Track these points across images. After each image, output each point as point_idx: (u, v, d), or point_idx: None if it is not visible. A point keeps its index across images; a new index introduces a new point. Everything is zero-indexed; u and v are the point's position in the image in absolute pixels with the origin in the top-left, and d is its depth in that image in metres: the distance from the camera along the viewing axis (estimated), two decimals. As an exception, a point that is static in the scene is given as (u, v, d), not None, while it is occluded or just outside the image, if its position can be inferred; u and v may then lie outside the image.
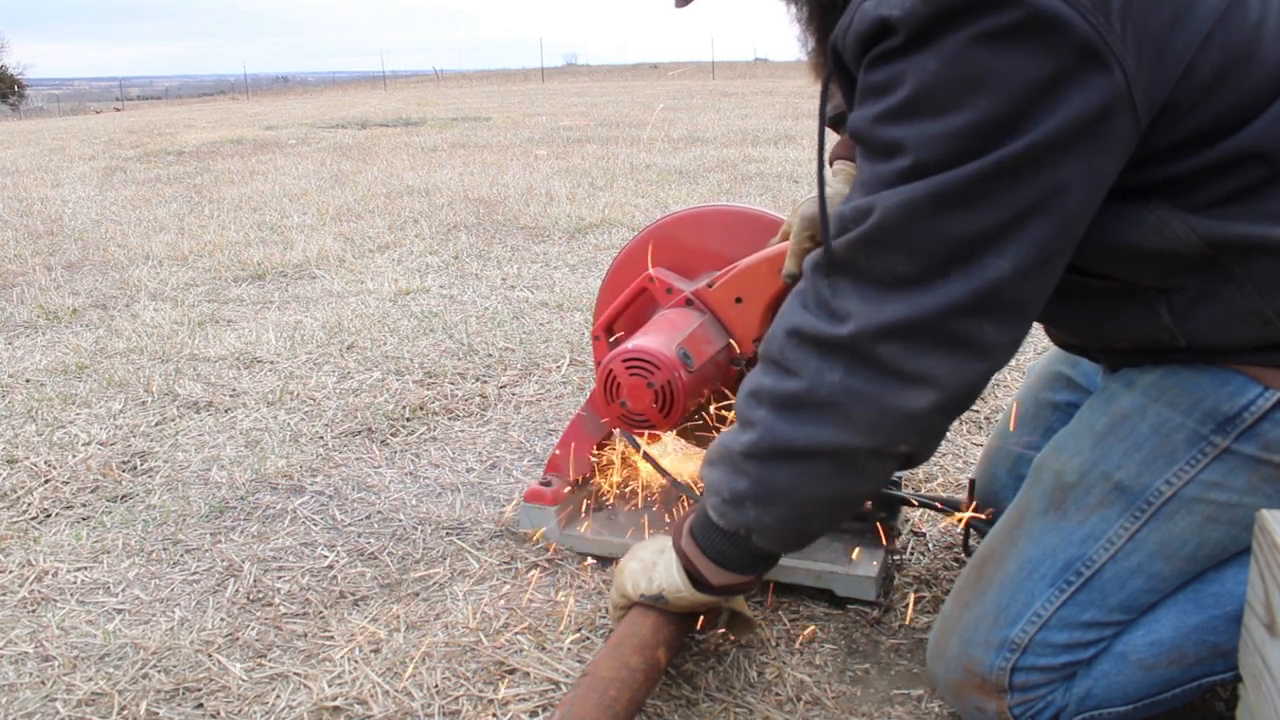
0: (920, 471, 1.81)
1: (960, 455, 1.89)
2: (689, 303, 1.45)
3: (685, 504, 1.59)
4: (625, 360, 1.38)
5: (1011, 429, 1.37)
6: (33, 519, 1.74)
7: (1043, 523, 1.05)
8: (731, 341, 1.44)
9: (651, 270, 1.51)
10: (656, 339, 1.38)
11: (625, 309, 1.52)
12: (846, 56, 0.90)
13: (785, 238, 1.37)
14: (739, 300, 1.42)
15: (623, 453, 1.65)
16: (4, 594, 1.49)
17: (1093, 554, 1.01)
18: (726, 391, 1.48)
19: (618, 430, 1.54)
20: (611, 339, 1.53)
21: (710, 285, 1.44)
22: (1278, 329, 0.93)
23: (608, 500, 1.63)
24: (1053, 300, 0.92)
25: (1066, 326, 1.11)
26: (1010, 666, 1.03)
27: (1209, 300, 0.93)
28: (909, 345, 0.87)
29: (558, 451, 1.59)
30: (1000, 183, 0.82)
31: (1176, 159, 0.88)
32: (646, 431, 1.43)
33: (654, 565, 1.15)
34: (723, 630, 1.26)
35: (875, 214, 0.86)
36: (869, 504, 1.48)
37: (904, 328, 0.86)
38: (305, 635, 1.36)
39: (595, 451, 1.60)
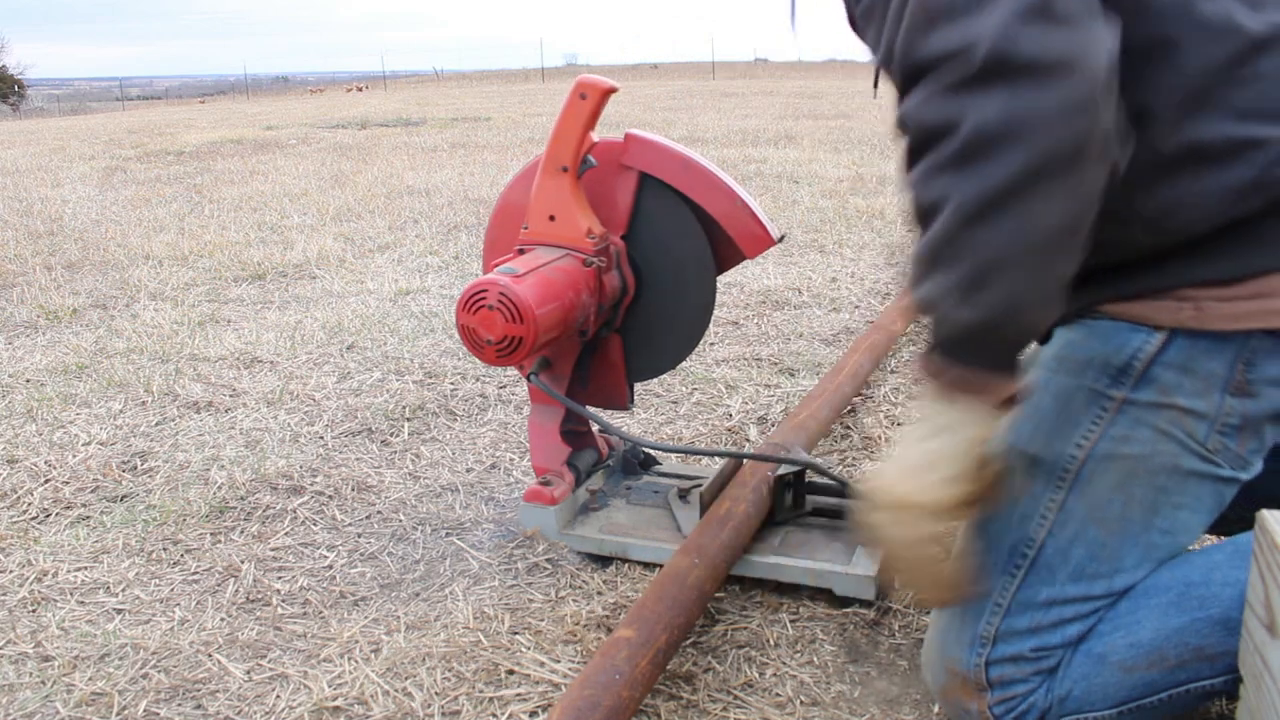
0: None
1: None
2: (521, 252, 1.55)
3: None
4: (463, 305, 1.44)
5: None
6: (33, 519, 1.74)
7: (984, 513, 1.04)
8: (572, 252, 1.51)
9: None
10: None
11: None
12: None
13: None
14: (552, 218, 1.52)
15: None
16: (4, 594, 1.49)
17: (1031, 533, 1.01)
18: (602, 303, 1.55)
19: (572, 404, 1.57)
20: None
21: (525, 228, 1.55)
22: (1147, 229, 0.92)
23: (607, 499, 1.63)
24: None
25: None
26: (984, 661, 1.03)
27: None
28: (1032, 35, 0.79)
29: (532, 455, 1.61)
30: None
31: None
32: (533, 356, 1.49)
33: (937, 441, 0.92)
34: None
35: None
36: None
37: (1014, 24, 0.79)
38: (305, 635, 1.36)
39: (562, 435, 1.61)
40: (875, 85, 1.08)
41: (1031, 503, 1.01)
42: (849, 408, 2.12)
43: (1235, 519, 1.08)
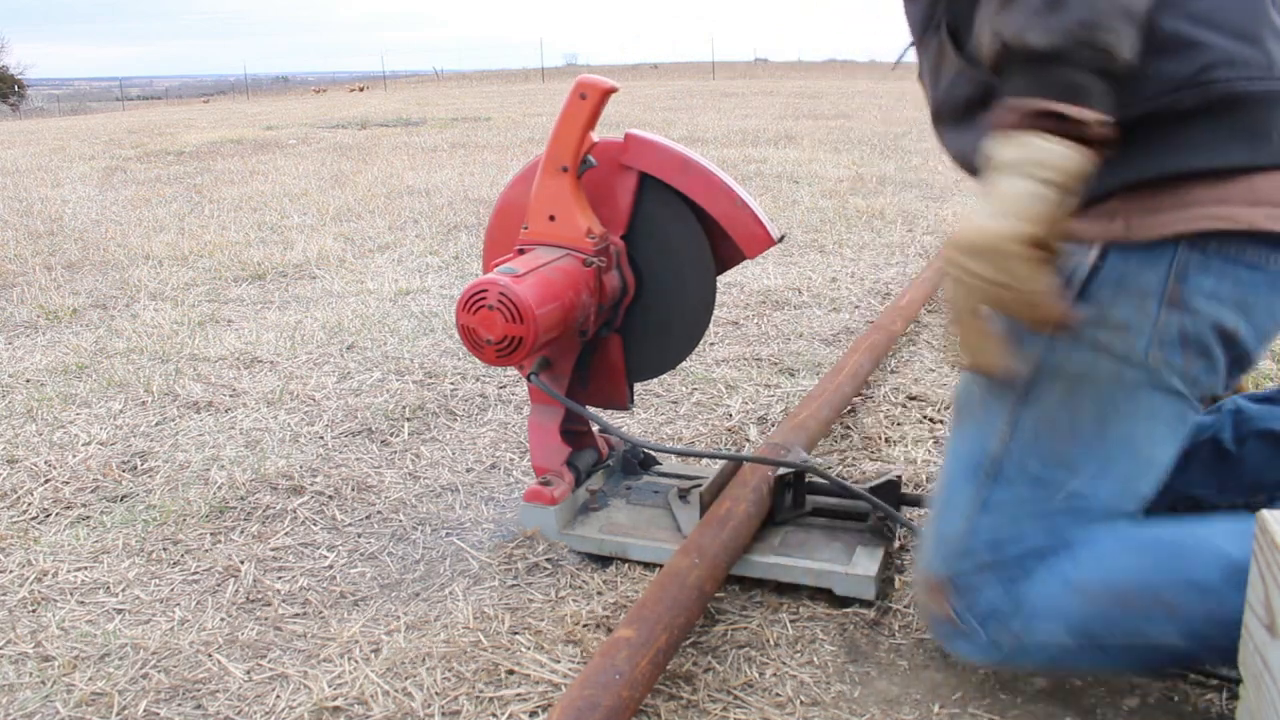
0: (921, 473, 1.81)
1: (960, 455, 1.89)
2: (521, 252, 1.55)
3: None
4: (463, 305, 1.43)
5: None
6: (33, 519, 1.74)
7: (953, 437, 1.12)
8: (572, 252, 1.51)
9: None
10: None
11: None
12: None
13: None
14: (552, 218, 1.52)
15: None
16: (4, 594, 1.49)
17: (990, 447, 1.06)
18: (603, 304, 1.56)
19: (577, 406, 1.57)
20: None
21: (525, 228, 1.55)
22: None
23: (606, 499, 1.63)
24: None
25: (958, 131, 1.14)
26: (949, 565, 1.08)
27: None
28: None
29: (532, 455, 1.61)
30: None
31: None
32: (533, 356, 1.49)
33: (1010, 180, 0.89)
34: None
35: None
36: (869, 505, 1.49)
37: None
38: (305, 635, 1.36)
39: (562, 435, 1.61)
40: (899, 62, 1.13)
41: (989, 419, 1.06)
42: (849, 408, 2.12)
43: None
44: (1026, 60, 0.87)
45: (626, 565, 1.50)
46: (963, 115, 1.12)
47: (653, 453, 1.76)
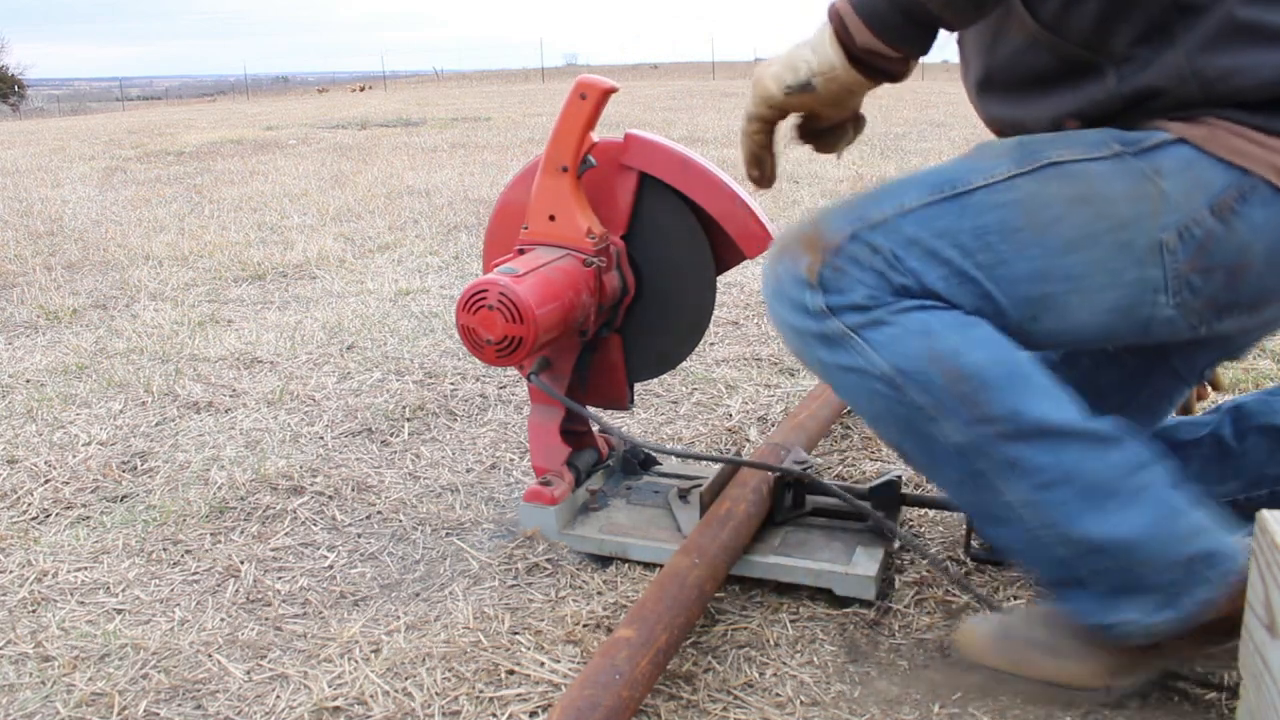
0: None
1: (960, 455, 1.89)
2: (521, 252, 1.55)
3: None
4: (463, 305, 1.43)
5: None
6: (33, 519, 1.74)
7: (945, 161, 1.13)
8: (572, 252, 1.51)
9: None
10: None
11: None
12: None
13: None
14: (552, 218, 1.52)
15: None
16: (4, 594, 1.49)
17: (971, 179, 1.06)
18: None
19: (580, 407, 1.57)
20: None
21: (525, 228, 1.54)
22: (1203, 87, 1.01)
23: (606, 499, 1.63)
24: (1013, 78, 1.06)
25: (1016, 100, 1.15)
26: (852, 231, 1.06)
27: (1150, 64, 1.02)
28: None
29: (532, 455, 1.61)
30: None
31: None
32: (533, 356, 1.48)
33: (797, 56, 1.07)
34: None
35: None
36: (869, 504, 1.49)
37: None
38: (305, 635, 1.36)
39: (562, 435, 1.61)
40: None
41: (990, 163, 1.06)
42: (849, 408, 2.12)
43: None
44: None
45: (626, 565, 1.50)
46: (1027, 86, 1.12)
47: (651, 453, 1.76)
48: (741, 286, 3.21)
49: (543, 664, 1.26)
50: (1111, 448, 1.06)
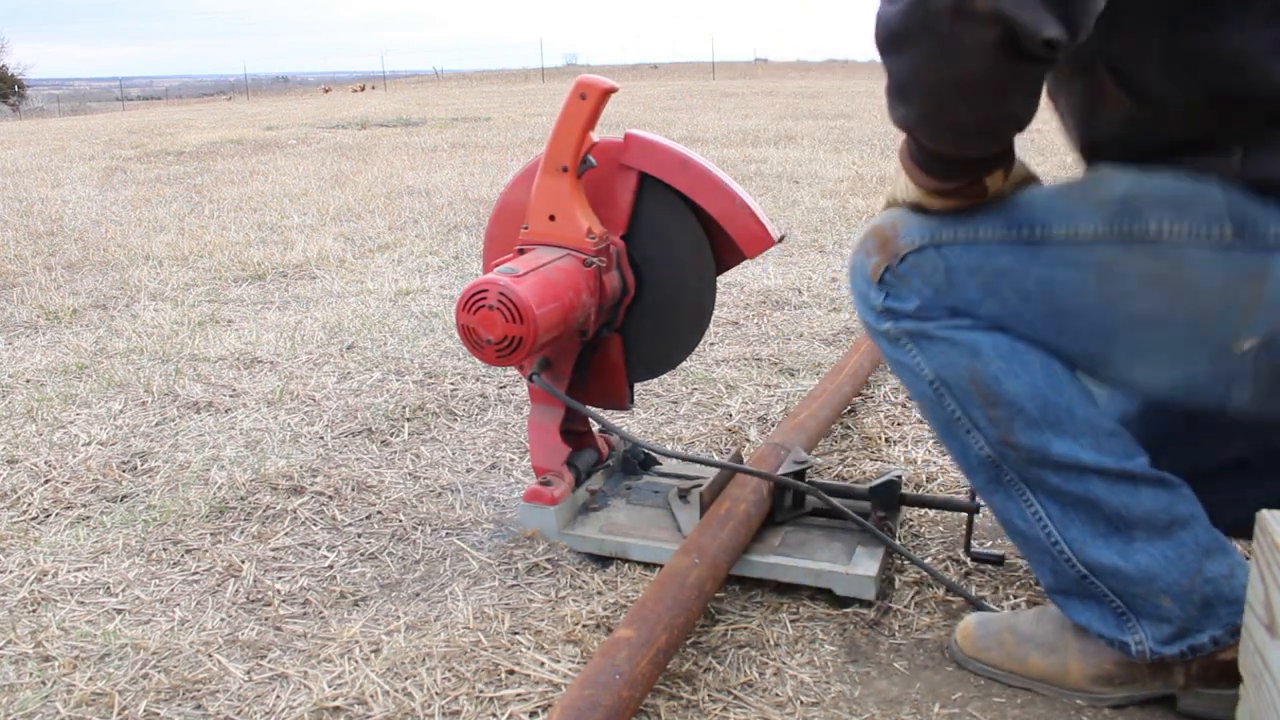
0: (921, 473, 1.81)
1: (960, 455, 1.89)
2: (521, 252, 1.55)
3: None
4: (463, 305, 1.43)
5: None
6: (33, 519, 1.74)
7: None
8: (572, 252, 1.51)
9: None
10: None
11: None
12: None
13: None
14: (552, 218, 1.53)
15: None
16: (4, 594, 1.49)
17: (1053, 226, 1.04)
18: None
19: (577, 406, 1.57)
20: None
21: (525, 228, 1.55)
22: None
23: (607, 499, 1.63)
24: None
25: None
26: (921, 244, 1.09)
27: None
28: None
29: (532, 455, 1.61)
30: None
31: None
32: (534, 356, 1.48)
33: (899, 184, 1.13)
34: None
35: None
36: (869, 504, 1.49)
37: None
38: (305, 635, 1.36)
39: (562, 435, 1.61)
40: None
41: (1081, 213, 1.03)
42: (849, 408, 2.12)
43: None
44: (894, 122, 1.01)
45: (626, 565, 1.50)
46: (1139, 158, 1.04)
47: (648, 455, 1.76)
48: (741, 286, 3.21)
49: (543, 664, 1.26)
50: (1143, 487, 1.06)
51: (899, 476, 1.50)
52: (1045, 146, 5.91)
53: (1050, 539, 1.10)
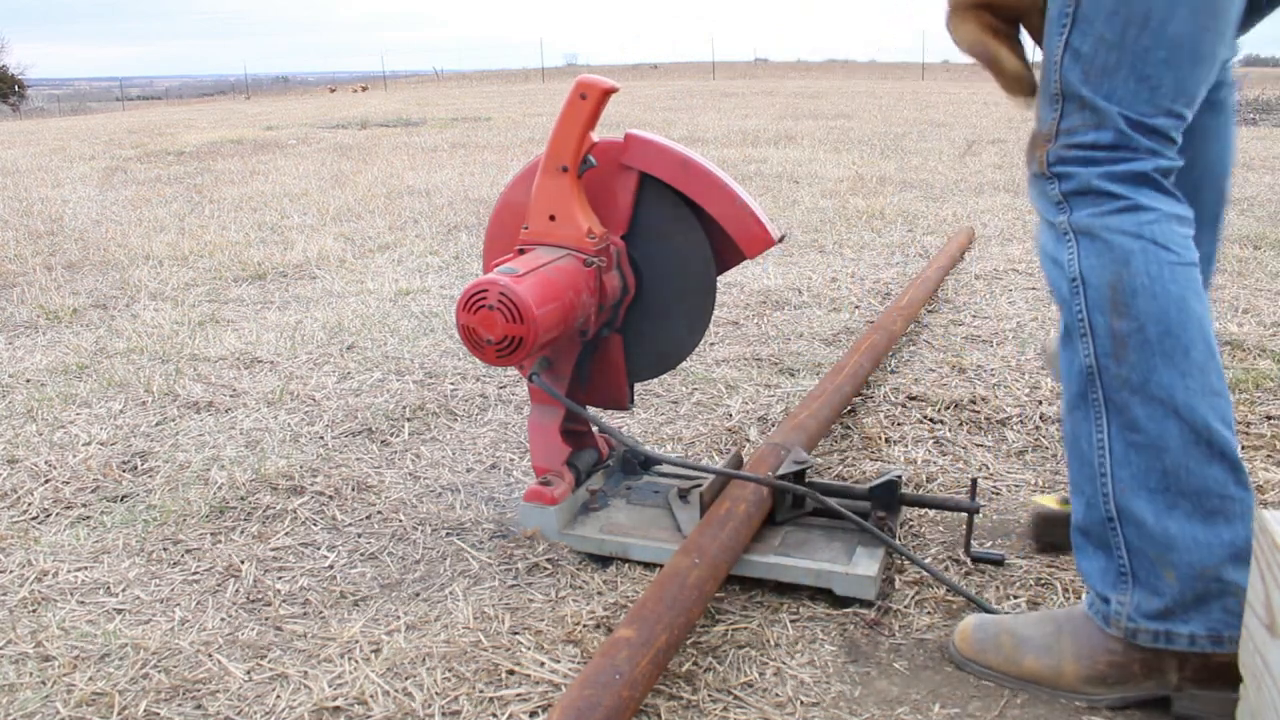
0: (921, 473, 1.81)
1: (960, 456, 1.89)
2: (521, 252, 1.55)
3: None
4: (464, 305, 1.43)
5: None
6: (33, 519, 1.74)
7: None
8: (573, 252, 1.51)
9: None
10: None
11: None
12: None
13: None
14: (553, 218, 1.53)
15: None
16: (4, 594, 1.49)
17: None
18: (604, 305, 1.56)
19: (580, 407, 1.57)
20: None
21: (525, 228, 1.55)
22: None
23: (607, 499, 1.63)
24: None
25: None
26: (1057, 116, 1.11)
27: None
28: None
29: (532, 455, 1.61)
30: None
31: None
32: (534, 356, 1.48)
33: None
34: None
35: None
36: (870, 504, 1.49)
37: None
38: (305, 635, 1.36)
39: (562, 435, 1.61)
40: None
41: None
42: (849, 408, 2.12)
43: None
44: None
45: (626, 565, 1.50)
46: None
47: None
48: (741, 286, 3.21)
49: (543, 664, 1.26)
50: (1216, 462, 1.05)
51: (899, 476, 1.50)
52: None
53: (1101, 469, 1.10)
